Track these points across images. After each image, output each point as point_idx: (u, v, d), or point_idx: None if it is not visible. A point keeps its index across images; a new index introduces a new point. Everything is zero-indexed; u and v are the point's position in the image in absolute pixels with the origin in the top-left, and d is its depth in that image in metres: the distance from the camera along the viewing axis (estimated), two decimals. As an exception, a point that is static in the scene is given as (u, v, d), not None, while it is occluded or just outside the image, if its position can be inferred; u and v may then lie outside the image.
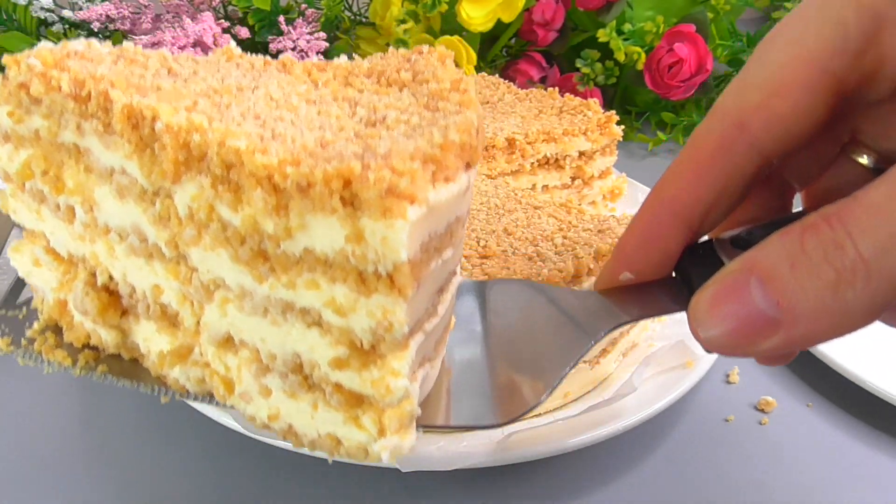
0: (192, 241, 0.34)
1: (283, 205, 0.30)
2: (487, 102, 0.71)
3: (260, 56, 0.41)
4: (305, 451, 0.46)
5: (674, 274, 0.36)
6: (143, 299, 0.38)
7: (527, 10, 0.97)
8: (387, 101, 0.36)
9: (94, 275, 0.40)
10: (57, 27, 0.92)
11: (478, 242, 0.49)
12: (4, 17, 0.88)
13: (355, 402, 0.34)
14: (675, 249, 0.35)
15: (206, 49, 0.89)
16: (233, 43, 0.42)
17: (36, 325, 0.43)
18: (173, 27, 0.87)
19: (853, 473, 0.51)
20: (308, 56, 0.92)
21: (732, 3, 0.96)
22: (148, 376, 0.40)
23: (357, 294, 0.30)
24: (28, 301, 0.62)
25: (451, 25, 0.96)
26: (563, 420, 0.48)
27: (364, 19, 1.08)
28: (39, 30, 0.91)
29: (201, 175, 0.32)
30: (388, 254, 0.28)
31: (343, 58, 0.41)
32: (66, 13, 0.90)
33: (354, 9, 1.08)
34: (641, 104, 1.02)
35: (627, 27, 0.94)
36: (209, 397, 0.38)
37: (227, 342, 0.36)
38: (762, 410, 0.55)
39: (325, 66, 0.40)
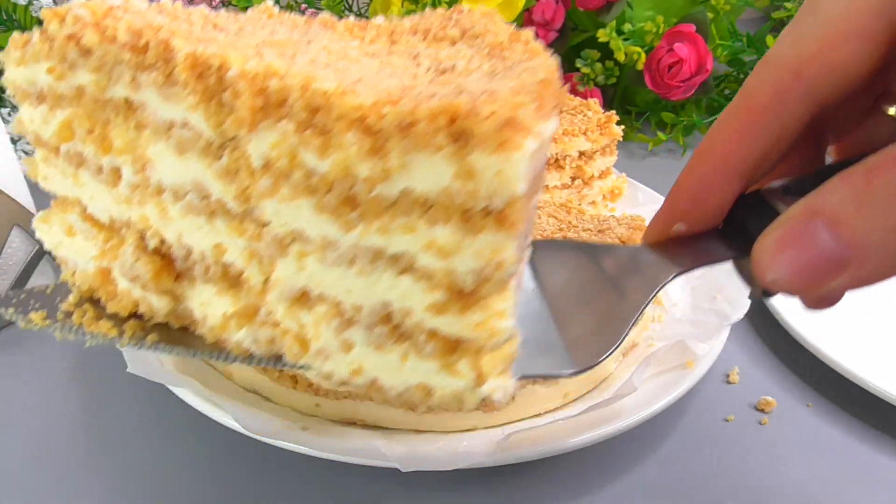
0: (267, 192, 0.32)
1: (379, 146, 0.28)
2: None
3: (298, 14, 0.40)
4: (306, 450, 0.46)
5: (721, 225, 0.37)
6: (201, 260, 0.36)
7: (527, 10, 0.97)
8: (447, 53, 0.34)
9: (143, 239, 0.37)
10: (57, 27, 0.92)
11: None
12: (4, 17, 0.88)
13: (451, 348, 0.32)
14: (728, 199, 0.36)
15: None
16: (270, 1, 0.41)
17: (71, 298, 0.40)
18: (173, 27, 0.87)
19: (853, 473, 0.51)
20: (308, 56, 0.92)
21: (732, 3, 0.96)
22: (202, 343, 0.38)
23: (462, 234, 0.29)
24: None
25: (451, 25, 0.96)
26: (563, 420, 0.48)
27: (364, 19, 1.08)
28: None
29: (282, 121, 0.30)
30: (503, 188, 0.27)
31: (381, 17, 0.40)
32: (66, 13, 0.91)
33: (354, 9, 1.08)
34: (641, 104, 1.02)
35: (627, 27, 0.93)
36: (276, 359, 0.36)
37: (302, 298, 0.34)
38: (762, 410, 0.55)
39: (365, 24, 0.39)
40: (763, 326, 0.64)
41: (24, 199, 0.61)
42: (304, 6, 0.97)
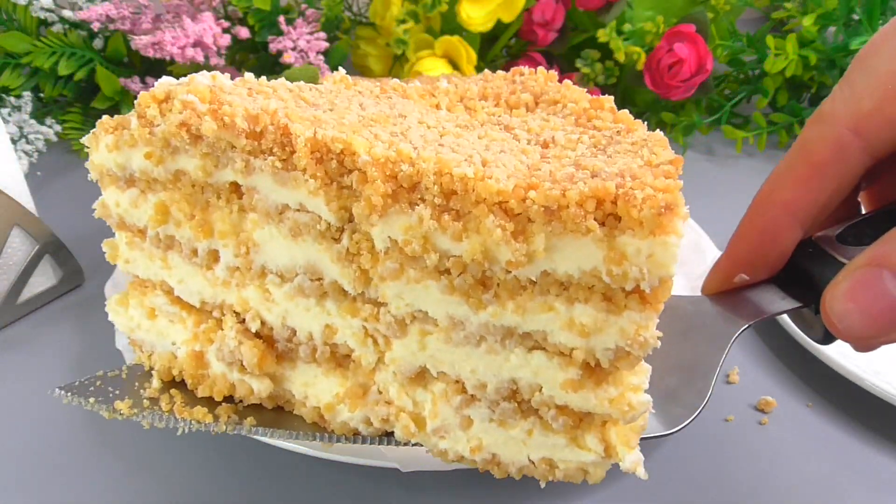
0: (391, 275, 0.32)
1: (522, 230, 0.29)
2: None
3: (366, 80, 0.40)
4: (307, 451, 0.46)
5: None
6: (307, 342, 0.36)
7: (527, 10, 0.97)
8: (538, 124, 0.35)
9: (242, 322, 0.37)
10: (57, 27, 0.91)
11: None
12: (4, 17, 0.88)
13: (578, 422, 0.33)
14: (789, 248, 0.37)
15: (206, 49, 0.89)
16: (342, 71, 0.41)
17: (154, 383, 0.40)
18: (173, 27, 0.87)
19: (853, 473, 0.51)
20: (308, 56, 0.92)
21: (732, 3, 0.96)
22: (301, 423, 0.38)
23: (605, 313, 0.30)
24: (29, 300, 0.61)
25: (451, 25, 0.96)
26: (563, 420, 0.48)
27: (364, 19, 1.08)
28: (39, 30, 0.91)
29: (417, 206, 0.30)
30: (656, 270, 0.28)
31: (443, 81, 0.40)
32: (66, 13, 0.90)
33: (354, 9, 1.08)
34: (641, 104, 1.02)
35: (627, 27, 0.93)
36: (385, 437, 0.36)
37: (419, 377, 0.34)
38: (762, 410, 0.55)
39: (434, 90, 0.39)
40: (763, 326, 0.64)
41: (24, 199, 0.61)
42: (304, 6, 0.97)
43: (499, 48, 1.03)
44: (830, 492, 0.49)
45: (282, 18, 0.93)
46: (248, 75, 0.37)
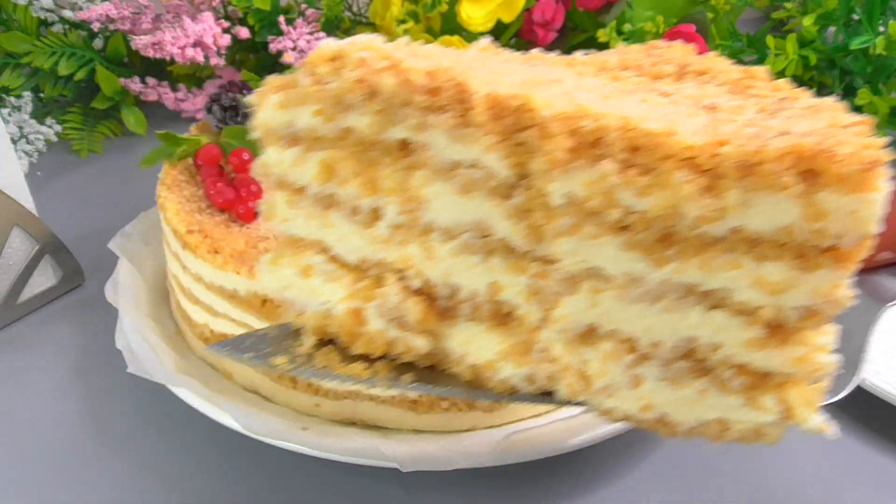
0: (566, 231, 0.32)
1: (713, 186, 0.28)
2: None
3: (507, 50, 0.40)
4: (306, 450, 0.46)
5: None
6: (470, 299, 0.36)
7: (527, 10, 0.97)
8: (693, 91, 0.34)
9: (404, 279, 0.37)
10: (57, 27, 0.91)
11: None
12: (4, 16, 0.88)
13: (757, 382, 0.32)
14: None
15: (206, 49, 0.89)
16: (488, 38, 0.41)
17: (306, 341, 0.40)
18: (173, 27, 0.87)
19: (853, 473, 0.51)
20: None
21: (732, 3, 0.96)
22: (457, 381, 0.38)
23: (797, 271, 0.29)
24: (29, 300, 0.61)
25: (451, 25, 0.96)
26: (563, 420, 0.48)
27: (364, 19, 1.08)
28: (40, 30, 0.91)
29: (601, 161, 0.30)
30: (855, 228, 0.27)
31: (580, 53, 0.39)
32: (67, 13, 0.90)
33: (354, 9, 1.08)
34: (641, 104, 1.02)
35: (627, 27, 0.93)
36: (545, 396, 0.36)
37: (588, 335, 0.34)
38: (762, 410, 0.55)
39: (571, 62, 0.39)
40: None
41: (24, 199, 0.61)
42: (304, 6, 0.97)
43: (499, 48, 1.03)
44: (830, 492, 0.49)
45: (282, 18, 0.93)
46: (403, 39, 0.37)
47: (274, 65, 0.96)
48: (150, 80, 0.94)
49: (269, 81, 0.36)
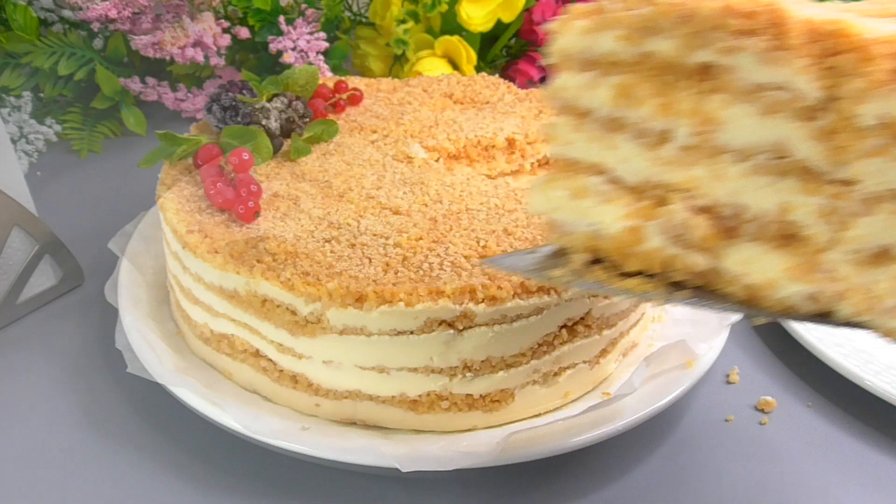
0: (873, 152, 0.32)
1: None
2: (487, 103, 0.71)
3: None
4: (306, 450, 0.46)
5: None
6: (756, 219, 0.37)
7: (527, 10, 0.97)
8: None
9: (689, 199, 0.38)
10: (57, 27, 0.92)
11: (477, 242, 0.49)
12: (4, 16, 0.88)
13: None
14: None
15: (206, 49, 0.89)
16: None
17: (575, 259, 0.41)
18: (173, 27, 0.87)
19: (853, 473, 0.51)
20: (308, 56, 0.92)
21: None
22: (731, 300, 0.39)
23: None
24: (29, 300, 0.61)
25: (451, 25, 0.96)
26: (563, 420, 0.48)
27: (364, 19, 1.08)
28: (40, 30, 0.91)
29: None
30: None
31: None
32: (66, 13, 0.90)
33: (354, 9, 1.08)
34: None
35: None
36: (822, 316, 0.36)
37: (880, 256, 0.34)
38: (762, 410, 0.55)
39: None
40: (763, 326, 0.64)
41: (24, 199, 0.61)
42: (304, 6, 0.97)
43: (499, 48, 1.03)
44: (830, 492, 0.49)
45: (282, 18, 0.93)
46: None
47: (274, 65, 0.96)
48: (150, 80, 0.94)
49: (574, 8, 0.37)
